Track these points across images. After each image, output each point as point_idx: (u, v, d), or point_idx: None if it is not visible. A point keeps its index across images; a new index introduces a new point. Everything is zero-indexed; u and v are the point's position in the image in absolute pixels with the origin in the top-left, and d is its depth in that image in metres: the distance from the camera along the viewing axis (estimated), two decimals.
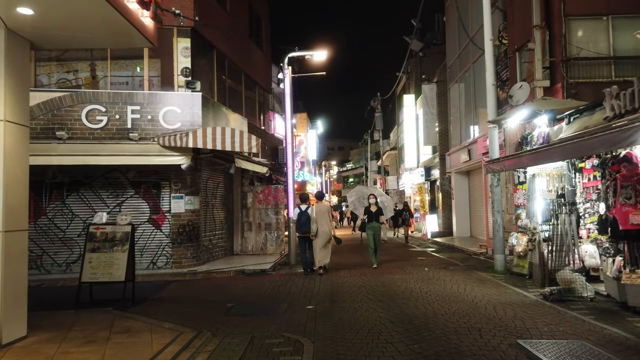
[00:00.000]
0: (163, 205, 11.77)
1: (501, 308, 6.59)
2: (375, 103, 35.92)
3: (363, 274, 10.38)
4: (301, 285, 9.02)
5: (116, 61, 12.22)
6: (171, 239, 11.64)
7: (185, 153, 10.92)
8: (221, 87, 14.74)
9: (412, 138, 27.55)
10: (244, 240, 15.00)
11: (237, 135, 10.83)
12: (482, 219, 18.27)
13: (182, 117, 11.53)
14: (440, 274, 10.01)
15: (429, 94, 21.64)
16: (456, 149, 19.13)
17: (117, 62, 12.25)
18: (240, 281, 9.86)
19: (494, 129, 10.00)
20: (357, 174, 68.47)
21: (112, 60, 12.18)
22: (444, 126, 21.23)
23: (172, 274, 10.95)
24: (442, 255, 13.86)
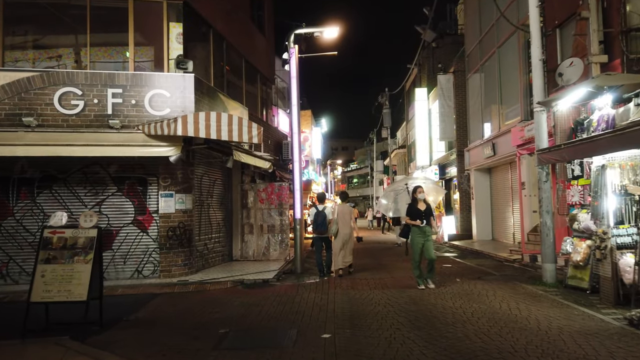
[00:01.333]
0: (150, 204, 10.16)
1: (583, 340, 4.94)
2: (383, 99, 34.29)
3: (384, 285, 8.74)
4: (312, 302, 7.38)
5: (97, 34, 10.60)
6: (159, 243, 10.02)
7: (174, 143, 9.31)
8: (218, 73, 13.12)
9: (424, 134, 25.89)
10: (244, 245, 13.37)
11: (235, 123, 9.22)
12: (506, 221, 16.62)
13: (171, 102, 9.92)
14: (478, 286, 8.35)
15: (445, 86, 20.00)
16: (477, 144, 17.46)
17: (98, 36, 10.64)
18: (238, 295, 8.23)
19: (541, 113, 8.34)
20: (362, 174, 66.92)
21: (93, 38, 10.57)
22: (461, 120, 19.57)
23: (159, 284, 9.33)
24: (469, 262, 12.20)
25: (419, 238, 8.31)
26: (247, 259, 13.17)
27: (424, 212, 8.35)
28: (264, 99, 17.58)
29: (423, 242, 8.28)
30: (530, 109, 12.99)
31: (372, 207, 38.44)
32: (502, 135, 14.81)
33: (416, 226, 8.33)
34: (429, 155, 25.77)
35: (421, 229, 8.27)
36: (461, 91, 19.59)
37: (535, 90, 8.45)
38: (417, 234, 8.33)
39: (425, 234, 8.30)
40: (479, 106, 17.71)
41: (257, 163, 12.38)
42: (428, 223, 8.35)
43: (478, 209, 18.22)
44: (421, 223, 8.25)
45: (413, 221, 8.34)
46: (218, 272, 10.81)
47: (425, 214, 8.36)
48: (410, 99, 32.13)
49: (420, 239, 8.29)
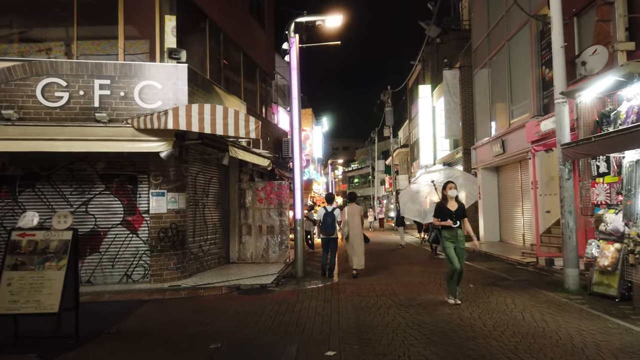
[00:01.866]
0: (140, 204, 9.50)
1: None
2: (385, 97, 33.63)
3: (392, 291, 8.07)
4: (314, 311, 6.71)
5: (86, 26, 9.94)
6: (150, 245, 9.36)
7: (165, 138, 8.64)
8: (215, 66, 12.47)
9: (428, 132, 25.22)
10: (242, 246, 12.70)
11: (231, 116, 8.55)
12: (514, 221, 15.95)
13: (163, 94, 9.26)
14: (495, 293, 7.68)
15: (451, 81, 19.33)
16: (485, 142, 16.79)
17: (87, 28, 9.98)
18: (233, 302, 7.56)
19: (563, 105, 7.67)
20: (363, 174, 66.22)
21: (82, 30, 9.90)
22: (468, 117, 18.91)
23: (149, 290, 8.66)
24: (479, 265, 11.53)
25: (449, 243, 6.92)
26: (244, 262, 12.51)
27: (455, 212, 6.98)
28: (263, 96, 16.93)
29: (454, 247, 6.92)
30: (544, 103, 12.34)
31: (374, 208, 37.77)
32: (513, 131, 14.14)
33: (446, 228, 6.95)
34: (433, 154, 25.11)
35: (452, 232, 6.91)
36: (467, 87, 18.93)
37: (557, 80, 7.77)
38: (447, 238, 6.95)
39: (457, 238, 6.92)
40: (486, 102, 17.05)
41: (255, 160, 11.72)
42: (460, 225, 7.02)
43: (485, 209, 17.55)
44: (453, 224, 6.91)
45: (443, 222, 6.97)
46: (213, 276, 10.15)
47: (457, 214, 7.00)
48: (414, 97, 31.46)
49: (450, 243, 6.91)
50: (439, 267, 11.39)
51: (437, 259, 13.16)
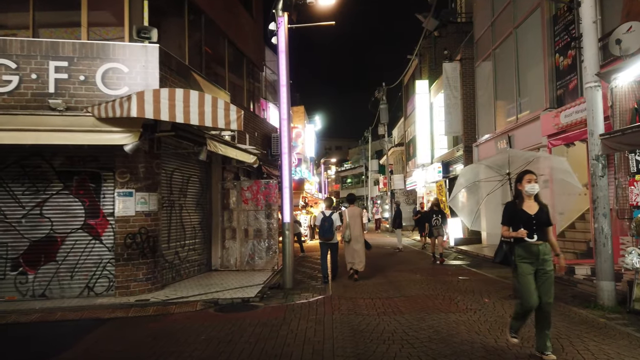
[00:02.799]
0: (105, 205, 8.26)
1: None
2: (380, 94, 32.48)
3: (396, 308, 6.89)
4: (303, 335, 5.52)
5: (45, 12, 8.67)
6: (115, 253, 8.12)
7: (130, 129, 7.42)
8: (195, 52, 11.25)
9: (425, 129, 24.11)
10: (225, 252, 11.48)
11: (208, 104, 7.35)
12: None
13: (130, 78, 8.04)
14: None
15: (451, 75, 18.23)
16: (489, 138, 15.69)
17: (47, 14, 8.71)
18: (207, 322, 6.35)
19: (596, 90, 6.55)
20: (356, 174, 65.14)
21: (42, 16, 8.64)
22: (469, 112, 17.80)
23: (111, 305, 7.43)
24: (488, 273, 10.39)
25: (526, 266, 4.51)
26: (228, 269, 11.29)
27: (535, 218, 4.54)
28: (251, 89, 15.70)
29: (533, 271, 4.51)
30: (557, 94, 11.23)
31: (368, 208, 36.67)
32: (521, 126, 13.04)
33: (521, 243, 4.55)
34: (430, 152, 24.00)
35: (531, 249, 4.50)
36: (469, 81, 17.82)
37: (588, 60, 6.65)
38: (523, 258, 4.54)
39: (539, 257, 4.49)
40: (490, 96, 15.94)
41: (239, 156, 10.49)
42: (544, 238, 4.56)
43: (489, 210, 16.39)
44: (531, 237, 4.49)
45: (514, 233, 4.57)
46: (190, 287, 8.93)
47: (539, 220, 4.54)
48: (410, 93, 30.39)
49: (531, 268, 4.51)
50: (443, 274, 10.23)
51: (438, 265, 12.01)
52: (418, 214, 17.03)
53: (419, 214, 16.99)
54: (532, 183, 4.65)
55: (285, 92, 9.18)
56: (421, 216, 16.54)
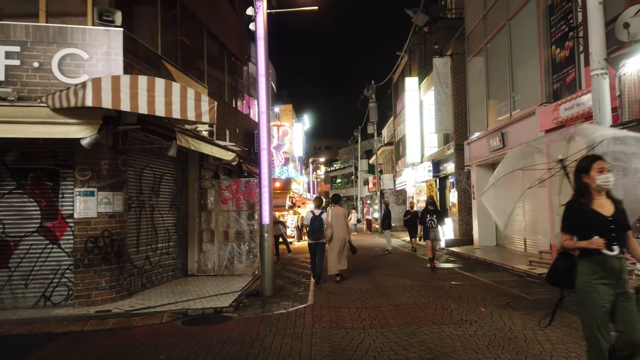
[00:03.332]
0: (63, 205, 7.49)
1: None
2: (369, 92, 31.87)
3: (383, 319, 6.22)
4: (276, 355, 4.82)
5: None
6: (75, 259, 7.35)
7: (88, 121, 6.66)
8: (170, 42, 10.50)
9: (415, 128, 23.52)
10: (202, 256, 10.74)
11: (176, 94, 6.62)
12: (513, 224, 14.27)
13: (91, 66, 7.28)
14: (517, 322, 5.89)
15: (441, 70, 17.64)
16: (480, 136, 15.11)
17: None
18: (170, 338, 5.61)
19: (603, 78, 5.94)
20: (346, 174, 64.49)
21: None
22: (461, 109, 17.23)
23: (68, 318, 6.66)
24: (482, 277, 9.77)
25: (604, 289, 3.27)
26: (205, 274, 10.55)
27: (613, 222, 3.34)
28: (233, 84, 14.96)
29: (613, 300, 3.27)
30: (554, 88, 10.66)
31: (357, 208, 35.97)
32: (515, 123, 12.46)
33: (593, 256, 3.32)
34: (420, 151, 23.43)
35: (609, 265, 3.28)
36: (460, 76, 17.25)
37: (594, 46, 6.03)
38: (597, 276, 3.30)
39: (620, 276, 3.29)
40: (482, 92, 15.38)
41: (215, 153, 9.75)
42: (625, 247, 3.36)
43: (480, 210, 15.86)
44: (610, 248, 3.27)
45: (585, 243, 3.33)
46: (161, 294, 8.18)
47: (618, 223, 3.35)
48: (399, 91, 29.83)
49: (608, 292, 3.26)
50: (435, 279, 9.59)
51: (429, 268, 11.38)
52: (408, 215, 16.28)
53: (408, 214, 16.26)
54: (605, 173, 3.35)
55: (264, 82, 8.47)
56: (411, 217, 15.84)
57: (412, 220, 15.58)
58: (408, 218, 15.95)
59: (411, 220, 15.67)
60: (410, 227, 15.83)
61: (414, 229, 15.58)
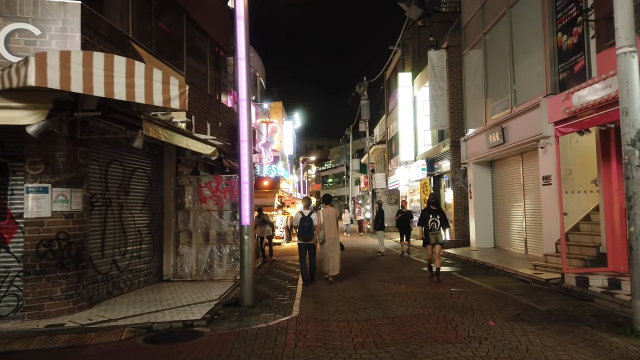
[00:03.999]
0: (13, 204, 6.56)
1: None
2: (361, 89, 31.06)
3: (378, 336, 5.35)
4: None
5: None
6: (25, 264, 6.41)
7: (36, 105, 5.74)
8: (142, 25, 9.57)
9: (409, 125, 22.74)
10: (179, 260, 9.83)
11: (141, 74, 5.73)
12: (512, 225, 13.59)
13: (43, 43, 6.35)
14: (534, 339, 5.06)
15: (437, 64, 16.86)
16: (478, 132, 14.34)
17: None
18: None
19: (632, 57, 5.14)
20: (337, 173, 63.80)
21: None
22: (457, 104, 16.46)
23: (12, 333, 5.72)
24: (484, 283, 8.97)
25: None
26: (182, 279, 9.65)
27: None
28: (216, 75, 14.03)
29: None
30: (560, 78, 9.90)
31: (349, 208, 35.03)
32: (516, 117, 11.69)
33: None
34: (414, 149, 22.65)
35: None
36: (456, 70, 16.49)
37: (621, 21, 5.23)
38: None
39: None
40: (480, 86, 14.61)
41: (192, 146, 8.84)
42: None
43: (477, 210, 15.10)
44: None
45: None
46: (127, 304, 7.27)
47: None
48: (392, 88, 29.06)
49: None
50: (432, 286, 8.77)
51: (425, 272, 10.58)
52: (399, 214, 15.28)
53: (400, 213, 15.31)
54: None
55: (244, 66, 7.58)
56: (402, 216, 14.91)
57: (404, 221, 14.72)
58: (400, 217, 15.02)
59: (403, 220, 14.78)
60: (402, 228, 14.85)
61: (406, 230, 14.70)
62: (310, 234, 9.41)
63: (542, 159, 10.60)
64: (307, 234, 9.42)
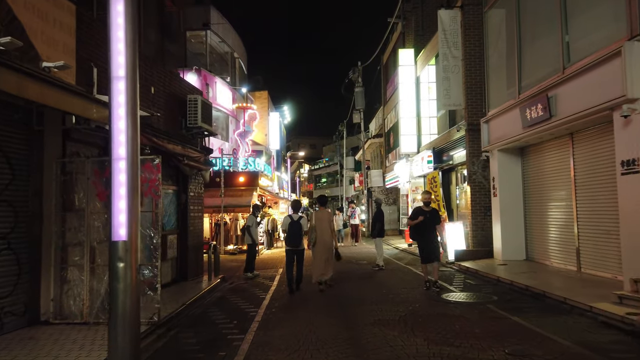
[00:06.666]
0: None
1: None
2: (355, 74, 27.54)
3: None
4: None
5: None
6: None
7: None
8: None
9: (411, 110, 19.24)
10: (65, 289, 6.27)
11: None
12: (555, 231, 10.16)
13: None
14: None
15: (449, 27, 13.37)
16: (509, 107, 10.87)
17: None
18: None
19: None
20: (331, 172, 60.36)
21: None
22: (475, 77, 12.97)
23: None
24: (553, 333, 5.46)
25: None
26: (68, 321, 6.11)
27: None
28: (158, 30, 10.45)
29: None
30: None
31: (343, 210, 30.99)
32: (573, 78, 8.22)
33: None
34: (416, 140, 19.16)
35: None
36: (474, 34, 12.99)
37: None
38: None
39: None
40: (509, 49, 11.16)
41: (52, 101, 5.25)
42: None
43: (504, 211, 11.63)
44: None
45: None
46: None
47: None
48: (389, 73, 25.59)
49: None
50: (468, 337, 5.23)
51: (445, 301, 7.06)
52: (419, 216, 8.60)
53: (420, 214, 8.64)
54: None
55: None
56: (425, 219, 8.51)
57: (428, 226, 8.61)
58: (420, 221, 8.56)
59: (427, 225, 8.59)
60: (422, 239, 8.79)
61: (431, 244, 8.61)
62: (298, 240, 8.75)
63: (621, 136, 7.11)
64: (295, 240, 8.74)
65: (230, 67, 22.87)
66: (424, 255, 8.69)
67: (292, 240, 8.78)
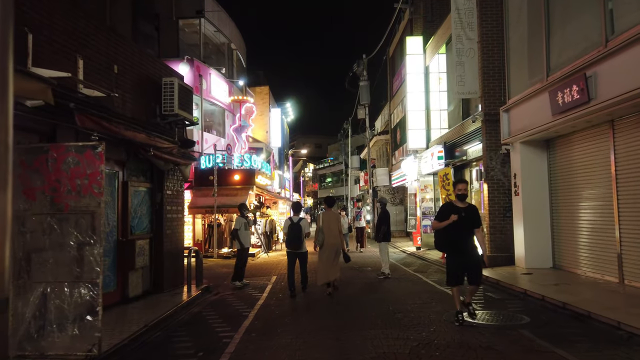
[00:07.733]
0: None
1: None
2: (359, 68, 26.06)
3: None
4: None
5: None
6: None
7: None
8: None
9: (420, 102, 17.81)
10: None
11: None
12: (592, 236, 8.72)
13: None
14: None
15: (463, 6, 11.94)
16: (535, 91, 9.43)
17: None
18: None
19: None
20: (336, 171, 59.06)
21: None
22: (493, 62, 11.51)
23: None
24: None
25: None
26: None
27: None
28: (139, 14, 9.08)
29: None
30: None
31: (347, 210, 29.55)
32: (620, 52, 6.78)
33: None
34: (425, 134, 17.73)
35: None
36: (492, 13, 11.53)
37: None
38: None
39: None
40: (536, 24, 9.72)
41: None
42: None
43: (527, 212, 10.20)
44: None
45: None
46: None
47: None
48: (396, 66, 24.16)
49: None
50: None
51: (466, 323, 5.67)
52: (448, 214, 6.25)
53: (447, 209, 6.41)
54: None
55: None
56: (460, 220, 6.07)
57: (462, 229, 6.10)
58: (453, 222, 6.06)
59: (459, 228, 6.07)
60: (453, 249, 6.23)
61: (467, 255, 6.11)
62: (299, 243, 8.72)
63: None
64: (295, 242, 8.73)
65: (227, 59, 21.54)
66: (456, 271, 6.03)
67: (293, 242, 8.76)
